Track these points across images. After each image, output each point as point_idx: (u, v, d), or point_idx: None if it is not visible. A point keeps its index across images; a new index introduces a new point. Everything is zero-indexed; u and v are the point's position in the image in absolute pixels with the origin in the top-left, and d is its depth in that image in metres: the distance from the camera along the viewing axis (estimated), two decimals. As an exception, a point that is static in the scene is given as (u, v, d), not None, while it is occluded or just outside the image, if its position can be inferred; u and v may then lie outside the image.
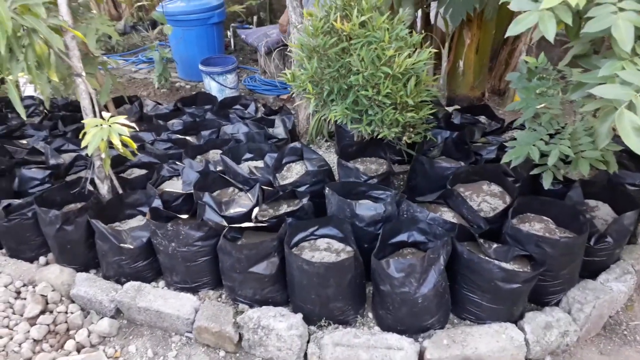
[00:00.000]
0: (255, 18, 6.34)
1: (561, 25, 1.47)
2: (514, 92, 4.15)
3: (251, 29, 6.07)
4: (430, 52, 2.45)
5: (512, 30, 1.47)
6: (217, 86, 4.45)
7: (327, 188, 2.36)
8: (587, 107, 1.49)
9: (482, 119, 3.33)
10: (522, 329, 2.03)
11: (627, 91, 1.24)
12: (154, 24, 6.85)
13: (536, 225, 2.26)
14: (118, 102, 3.87)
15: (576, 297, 2.14)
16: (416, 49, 2.48)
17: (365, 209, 2.23)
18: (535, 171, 2.21)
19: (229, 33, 6.15)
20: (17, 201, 2.55)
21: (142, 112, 3.84)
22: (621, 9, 1.33)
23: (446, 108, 3.68)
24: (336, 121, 2.58)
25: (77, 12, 3.21)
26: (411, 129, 2.58)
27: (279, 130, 3.37)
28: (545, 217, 2.31)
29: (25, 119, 2.35)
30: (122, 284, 2.34)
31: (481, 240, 2.12)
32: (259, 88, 5.07)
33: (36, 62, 2.27)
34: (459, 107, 3.79)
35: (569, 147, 1.99)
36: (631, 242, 2.45)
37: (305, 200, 2.39)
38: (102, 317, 2.29)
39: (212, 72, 4.42)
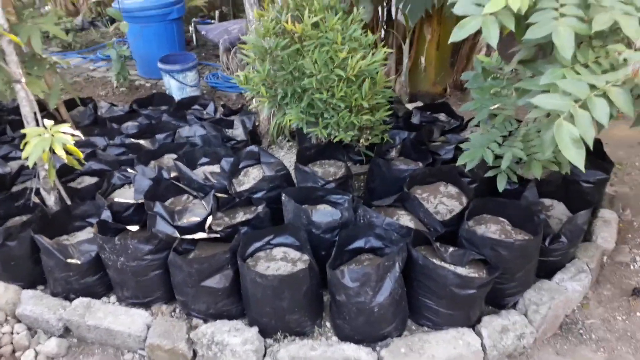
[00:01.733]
0: (217, 12, 6.19)
1: (507, 30, 1.44)
2: (476, 87, 4.16)
3: (213, 24, 5.92)
4: (385, 52, 2.41)
5: (455, 36, 1.43)
6: (177, 84, 4.32)
7: (284, 194, 2.30)
8: (532, 114, 1.47)
9: (442, 116, 3.31)
10: (479, 334, 2.02)
11: (566, 102, 1.22)
12: (113, 20, 6.63)
13: (492, 227, 2.26)
14: (70, 104, 3.72)
15: (532, 298, 2.14)
16: (372, 49, 2.44)
17: (322, 215, 2.19)
18: (489, 173, 2.20)
19: (191, 28, 6.00)
20: (-45, 216, 2.41)
21: (97, 114, 3.70)
22: (562, 15, 1.31)
23: (407, 105, 3.66)
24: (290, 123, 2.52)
25: (22, 12, 3.06)
26: (368, 131, 2.54)
27: (238, 132, 3.29)
28: (501, 218, 2.31)
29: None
30: (71, 300, 2.24)
31: (437, 245, 2.10)
32: (221, 85, 4.96)
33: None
34: (421, 104, 3.78)
35: (521, 149, 1.98)
36: (586, 239, 2.47)
37: (261, 208, 2.33)
38: (50, 337, 2.19)
39: (172, 70, 4.29)
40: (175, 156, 2.95)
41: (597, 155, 2.55)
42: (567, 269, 2.29)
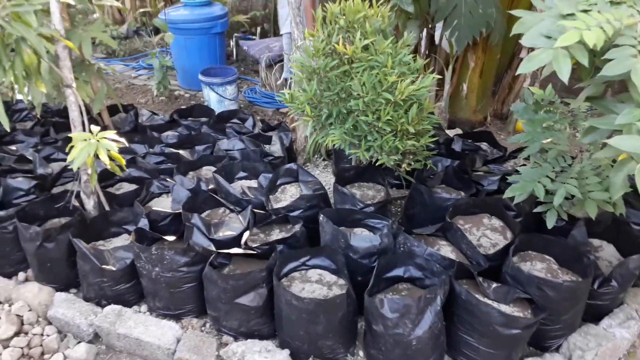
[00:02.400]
0: (259, 29, 6.27)
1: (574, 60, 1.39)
2: (516, 118, 4.08)
3: (254, 40, 6.00)
4: (433, 78, 2.37)
5: (524, 68, 1.38)
6: (217, 97, 4.36)
7: (322, 215, 2.26)
8: (600, 154, 1.40)
9: (484, 145, 3.24)
10: (520, 376, 1.92)
11: (647, 145, 1.15)
12: (157, 30, 6.80)
13: (538, 265, 2.16)
14: (113, 110, 3.78)
15: (577, 342, 2.03)
16: (419, 74, 2.40)
17: (361, 240, 2.13)
18: (539, 209, 2.12)
19: (232, 43, 6.09)
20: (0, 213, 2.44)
21: (137, 121, 3.75)
22: (641, 52, 1.25)
23: (447, 132, 3.60)
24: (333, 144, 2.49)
25: (75, 18, 3.14)
26: (411, 156, 2.49)
27: (275, 148, 3.27)
28: (547, 256, 2.21)
29: (8, 130, 2.25)
30: (102, 306, 2.23)
31: (480, 279, 2.02)
32: (258, 100, 5.00)
33: (24, 72, 2.18)
34: (461, 132, 3.72)
35: (575, 186, 1.90)
36: (636, 284, 2.35)
37: (297, 227, 2.29)
38: (79, 342, 2.18)
39: (212, 83, 4.34)
40: (213, 168, 2.95)
41: (650, 198, 2.44)
42: (616, 314, 2.18)
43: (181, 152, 3.19)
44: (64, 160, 3.12)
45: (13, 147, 3.35)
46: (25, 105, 3.91)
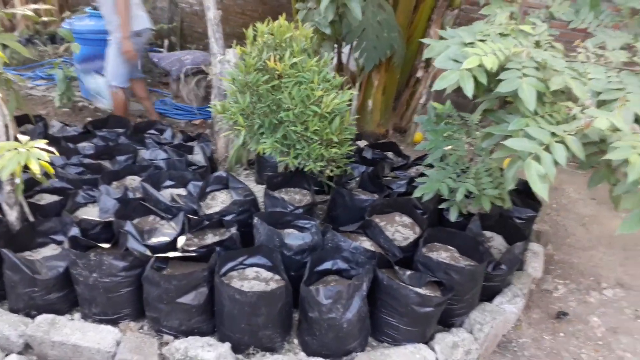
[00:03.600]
0: (166, 42, 6.26)
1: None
2: (414, 130, 4.58)
3: (162, 52, 5.98)
4: (351, 93, 2.67)
5: (437, 85, 1.70)
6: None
7: (256, 217, 2.43)
8: (495, 155, 1.77)
9: (390, 154, 3.62)
10: (432, 349, 2.24)
11: (533, 145, 1.51)
12: (52, 39, 6.49)
13: (443, 254, 2.53)
14: (19, 121, 3.61)
15: (477, 318, 2.41)
16: (339, 90, 2.69)
17: (294, 238, 2.34)
18: (443, 205, 2.49)
19: (138, 55, 6.00)
20: None
21: (47, 133, 3.63)
22: (525, 75, 1.62)
23: (356, 143, 3.95)
24: (263, 152, 2.68)
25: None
26: (333, 163, 2.76)
27: (198, 157, 3.37)
28: (450, 247, 2.59)
29: None
30: (32, 317, 2.19)
31: (397, 268, 2.32)
32: (169, 112, 5.02)
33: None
34: (367, 143, 4.09)
35: (473, 185, 2.28)
36: (520, 268, 2.82)
37: (233, 230, 2.44)
38: (8, 354, 2.11)
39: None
40: (138, 178, 2.99)
41: (527, 196, 2.94)
42: (505, 293, 2.60)
43: (102, 162, 3.17)
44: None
45: None
46: None
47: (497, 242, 2.78)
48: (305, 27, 2.79)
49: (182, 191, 2.90)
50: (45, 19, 6.25)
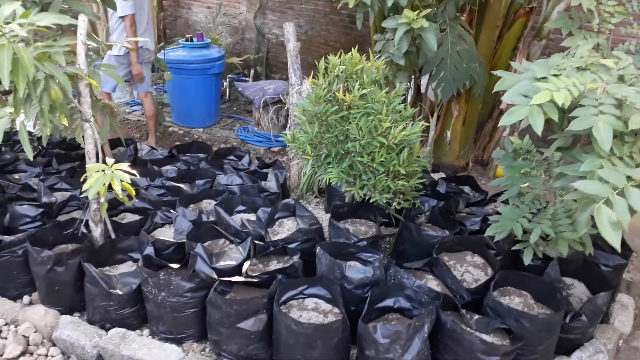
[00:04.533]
0: (252, 71, 6.57)
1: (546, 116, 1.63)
2: (497, 164, 4.37)
3: (247, 81, 6.28)
4: (422, 125, 2.62)
5: (504, 121, 1.62)
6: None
7: (319, 247, 2.43)
8: (568, 196, 1.63)
9: (466, 189, 3.48)
10: (499, 402, 2.07)
11: (605, 188, 1.38)
12: (152, 68, 7.05)
13: (516, 299, 2.36)
14: (113, 143, 3.94)
15: (552, 373, 2.21)
16: (410, 121, 2.65)
17: (355, 271, 2.31)
18: (517, 246, 2.33)
19: (225, 83, 6.35)
20: (8, 238, 2.55)
21: (137, 155, 3.91)
22: (602, 112, 1.50)
23: (432, 175, 3.85)
24: (329, 181, 2.69)
25: (87, 58, 3.34)
26: (401, 195, 2.70)
27: (271, 184, 3.46)
28: (524, 292, 2.41)
29: (32, 158, 2.40)
30: (106, 329, 2.33)
31: (463, 311, 2.20)
32: (250, 139, 5.22)
33: (49, 106, 2.35)
34: (444, 175, 3.97)
35: (549, 227, 2.12)
36: (604, 321, 2.55)
37: (296, 258, 2.45)
38: (82, 363, 2.27)
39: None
40: (213, 202, 3.12)
41: (616, 240, 2.67)
42: (586, 348, 2.36)
43: (182, 185, 3.35)
44: (67, 190, 3.27)
45: (16, 176, 3.47)
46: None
47: (578, 291, 2.54)
48: (381, 57, 2.80)
49: (252, 216, 2.98)
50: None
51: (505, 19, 3.96)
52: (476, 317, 2.20)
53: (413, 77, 3.96)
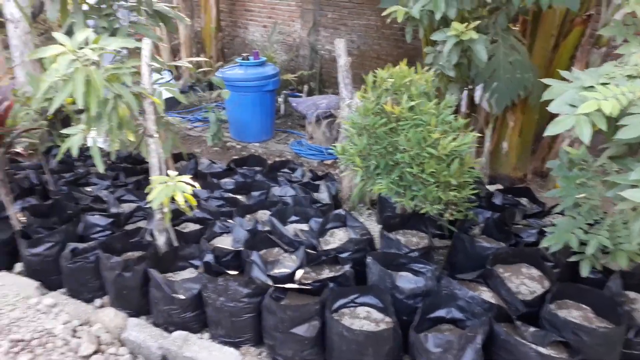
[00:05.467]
0: (305, 87, 6.73)
1: (596, 127, 1.60)
2: (556, 175, 4.23)
3: (301, 97, 6.45)
4: (473, 136, 2.62)
5: (550, 131, 1.61)
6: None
7: (370, 257, 2.47)
8: (621, 206, 1.59)
9: (524, 201, 3.41)
10: (557, 418, 2.02)
11: (657, 197, 1.35)
12: (210, 85, 7.37)
13: (574, 313, 2.29)
14: (175, 157, 4.17)
15: (614, 390, 2.12)
16: (461, 132, 2.65)
17: (406, 281, 2.33)
18: (573, 258, 2.27)
19: (280, 99, 6.54)
20: (82, 245, 2.77)
21: (197, 169, 4.11)
22: (654, 119, 1.47)
23: (487, 187, 3.79)
24: (379, 192, 2.73)
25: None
26: (453, 207, 2.70)
27: (323, 196, 3.54)
28: (583, 305, 2.34)
29: (102, 172, 2.61)
30: (170, 332, 2.47)
31: (518, 323, 2.16)
32: (304, 152, 5.34)
33: (117, 123, 2.55)
34: (501, 187, 3.90)
35: (607, 238, 2.06)
36: (672, 338, 2.42)
37: (347, 267, 2.51)
38: (148, 363, 2.41)
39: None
40: (268, 212, 3.23)
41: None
42: (652, 365, 2.25)
43: (238, 197, 3.50)
44: (133, 201, 3.50)
45: (88, 189, 3.75)
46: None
47: (643, 305, 2.43)
48: (432, 69, 2.82)
49: (305, 227, 3.07)
50: (205, 68, 7.18)
51: (561, 27, 3.88)
52: (532, 329, 2.16)
53: (466, 88, 3.94)
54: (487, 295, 2.41)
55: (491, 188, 3.68)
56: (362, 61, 6.45)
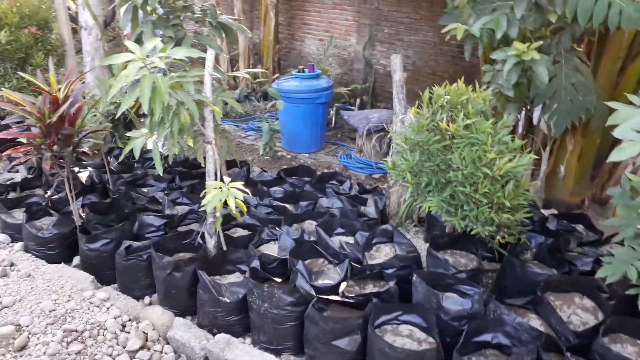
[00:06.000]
0: (358, 100, 6.77)
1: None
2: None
3: (353, 110, 6.48)
4: (530, 157, 2.55)
5: (614, 157, 1.54)
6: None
7: (416, 275, 2.44)
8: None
9: (580, 227, 3.27)
10: None
11: None
12: (264, 95, 7.54)
13: (629, 348, 2.17)
14: (229, 164, 4.29)
15: None
16: (517, 153, 2.59)
17: (453, 302, 2.28)
18: (631, 291, 2.15)
19: (332, 111, 6.60)
20: (136, 243, 2.89)
21: (249, 176, 4.21)
22: None
23: (542, 211, 3.67)
24: (429, 210, 2.70)
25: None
26: (505, 229, 2.63)
27: (370, 210, 3.53)
28: (639, 341, 2.21)
29: (161, 174, 2.72)
30: (213, 334, 2.53)
31: (568, 354, 2.07)
32: (352, 165, 5.35)
33: (178, 129, 2.66)
34: (556, 212, 3.76)
35: (671, 273, 1.94)
36: None
37: (392, 284, 2.49)
38: (191, 363, 2.48)
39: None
40: (314, 222, 3.26)
41: None
42: None
43: (287, 205, 3.56)
44: (187, 204, 3.62)
45: (145, 190, 3.91)
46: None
47: None
48: (490, 88, 2.78)
49: (350, 239, 3.07)
50: (261, 79, 7.36)
51: (629, 50, 3.72)
52: (583, 362, 2.06)
53: (524, 108, 3.85)
54: (535, 322, 2.32)
55: (545, 212, 3.55)
56: (417, 77, 6.42)
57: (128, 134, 2.76)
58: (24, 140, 2.85)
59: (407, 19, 6.43)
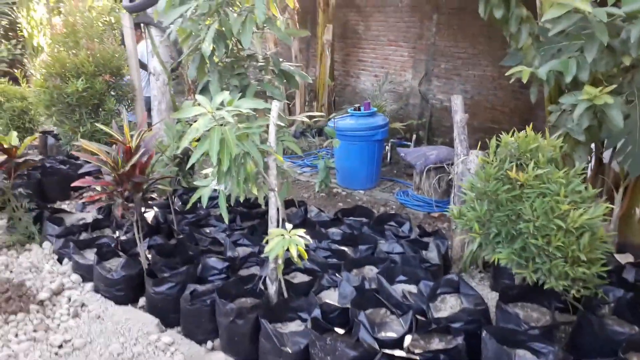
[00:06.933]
0: (414, 136, 6.71)
1: None
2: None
3: (409, 146, 6.43)
4: (606, 207, 2.41)
5: None
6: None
7: (485, 331, 2.34)
8: None
9: (663, 278, 3.04)
10: None
11: None
12: (319, 132, 7.64)
13: None
14: (287, 203, 4.33)
15: None
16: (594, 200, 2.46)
17: (526, 363, 2.16)
18: None
19: (387, 147, 6.57)
20: (201, 287, 2.95)
21: (306, 216, 4.23)
22: None
23: (616, 256, 3.44)
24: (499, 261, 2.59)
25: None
26: (581, 283, 2.48)
27: (432, 255, 3.44)
28: None
29: (227, 222, 2.77)
30: (276, 384, 2.51)
31: None
32: (410, 203, 5.27)
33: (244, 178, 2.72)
34: (632, 259, 3.52)
35: None
36: None
37: (459, 339, 2.39)
38: (252, 414, 2.46)
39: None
40: (374, 268, 3.21)
41: None
42: None
43: (345, 248, 3.53)
44: (247, 245, 3.66)
45: (207, 230, 4.01)
46: (215, 194, 4.66)
47: None
48: (557, 133, 2.68)
49: (413, 288, 2.99)
50: (316, 118, 7.47)
51: None
52: None
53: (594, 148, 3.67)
54: (621, 388, 2.15)
55: (620, 258, 3.33)
56: (476, 111, 6.30)
57: (196, 183, 2.85)
58: (99, 188, 3.01)
59: (465, 54, 6.37)
